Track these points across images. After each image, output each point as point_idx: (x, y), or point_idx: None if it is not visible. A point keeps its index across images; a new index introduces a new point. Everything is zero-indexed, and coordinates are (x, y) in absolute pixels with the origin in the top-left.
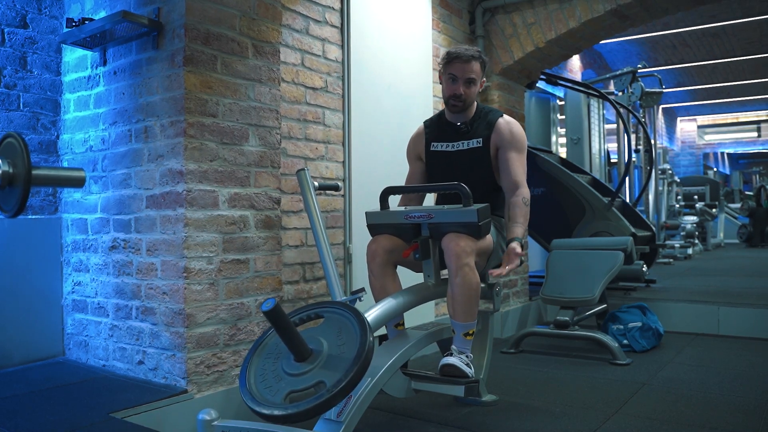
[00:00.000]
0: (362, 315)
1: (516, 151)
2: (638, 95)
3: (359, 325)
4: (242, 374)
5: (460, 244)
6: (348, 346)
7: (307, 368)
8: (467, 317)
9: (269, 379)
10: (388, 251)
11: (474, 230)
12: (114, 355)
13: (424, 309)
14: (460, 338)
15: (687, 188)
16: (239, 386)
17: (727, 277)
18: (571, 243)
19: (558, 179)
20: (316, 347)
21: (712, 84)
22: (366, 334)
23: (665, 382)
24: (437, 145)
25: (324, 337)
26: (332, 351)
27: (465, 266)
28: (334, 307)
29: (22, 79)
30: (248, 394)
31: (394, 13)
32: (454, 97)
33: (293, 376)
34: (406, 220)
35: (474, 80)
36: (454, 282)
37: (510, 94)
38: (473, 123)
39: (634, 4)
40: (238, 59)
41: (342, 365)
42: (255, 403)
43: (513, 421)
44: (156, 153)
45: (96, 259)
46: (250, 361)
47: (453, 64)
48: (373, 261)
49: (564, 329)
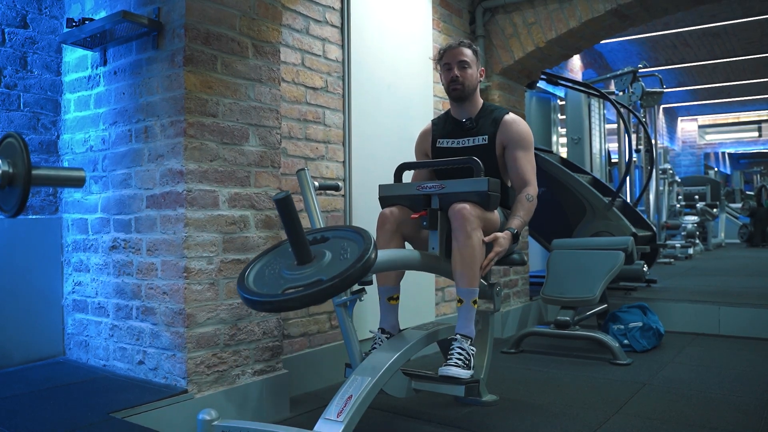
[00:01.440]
0: (368, 233)
1: (523, 150)
2: (639, 95)
3: (364, 238)
4: (241, 274)
5: (467, 208)
6: (351, 254)
7: (306, 270)
8: (473, 281)
9: (267, 278)
10: (398, 220)
11: (483, 198)
12: (114, 355)
13: (424, 309)
14: (467, 309)
15: (688, 188)
16: (237, 285)
17: (727, 277)
18: (571, 243)
19: (558, 179)
20: (318, 255)
21: (713, 84)
22: (370, 243)
23: (666, 381)
24: (443, 141)
25: (329, 250)
26: (335, 259)
27: (472, 230)
28: (341, 229)
29: (23, 79)
30: (244, 289)
31: (394, 12)
32: (452, 82)
33: (293, 274)
34: (419, 191)
35: (467, 62)
36: (461, 244)
37: (510, 94)
38: (479, 120)
39: (635, 4)
40: (238, 59)
41: (342, 266)
42: (249, 293)
43: (513, 421)
44: (156, 153)
45: (96, 259)
46: (251, 266)
47: (445, 55)
48: (382, 228)
49: (564, 329)
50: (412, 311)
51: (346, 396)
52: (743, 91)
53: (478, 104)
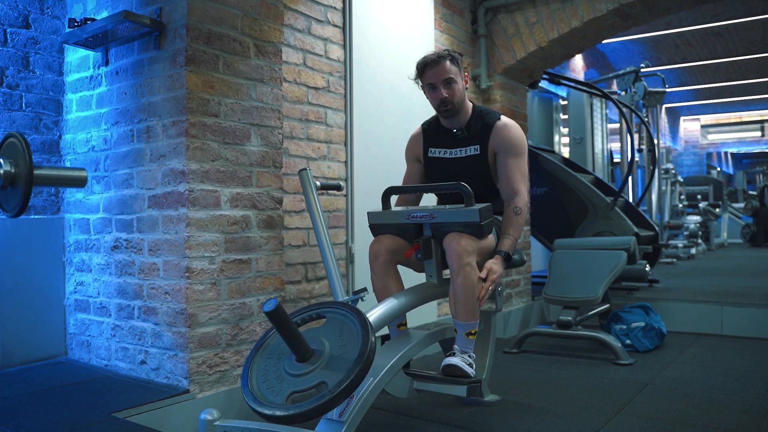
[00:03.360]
0: (364, 315)
1: (514, 157)
2: (641, 95)
3: (361, 326)
4: (244, 374)
5: (461, 244)
6: (350, 346)
7: (308, 369)
8: (469, 317)
9: (271, 379)
10: (390, 251)
11: (476, 230)
12: (116, 355)
13: (426, 309)
14: (463, 338)
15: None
16: (241, 387)
17: (730, 276)
18: (573, 243)
19: (561, 179)
20: (317, 348)
21: (715, 83)
22: (368, 334)
23: (668, 382)
24: (435, 151)
25: (326, 338)
26: (334, 351)
27: (467, 266)
28: (336, 307)
29: (25, 80)
30: (250, 395)
31: (396, 12)
32: (441, 104)
33: (295, 376)
34: (408, 220)
35: (452, 79)
36: (456, 281)
37: (512, 94)
38: (470, 127)
39: (637, 4)
40: (240, 59)
41: (344, 366)
42: (257, 404)
43: (515, 421)
44: (158, 153)
45: (98, 259)
46: (252, 361)
47: (425, 74)
48: (376, 261)
49: (567, 329)
50: (414, 311)
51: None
52: (746, 91)
53: (468, 111)
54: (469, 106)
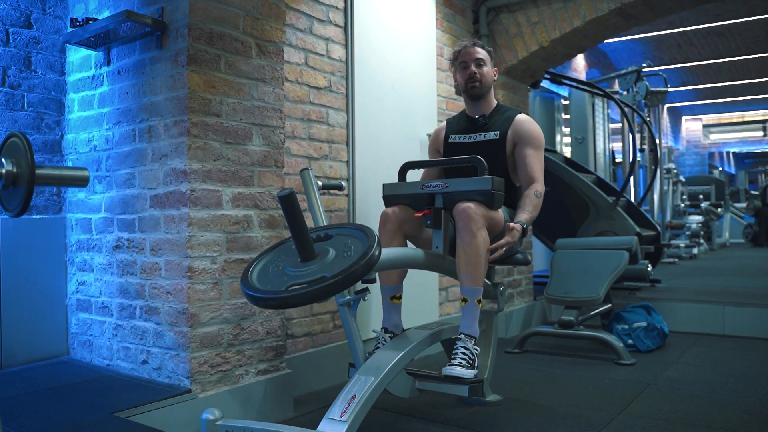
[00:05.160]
0: (371, 230)
1: (533, 148)
2: (643, 94)
3: (368, 235)
4: (245, 272)
5: (472, 207)
6: (354, 251)
7: (310, 267)
8: (478, 280)
9: (271, 275)
10: (400, 219)
11: (487, 197)
12: (118, 355)
13: (428, 309)
14: (471, 308)
15: (692, 188)
16: (240, 282)
17: (732, 276)
18: (575, 242)
19: (562, 179)
20: (322, 252)
21: (718, 83)
22: (373, 240)
23: (670, 382)
24: (455, 137)
25: (332, 247)
26: (338, 256)
27: (476, 230)
28: (346, 227)
29: (27, 79)
30: (247, 286)
31: (397, 12)
32: (470, 79)
33: (296, 272)
34: (422, 190)
35: (483, 60)
36: (466, 243)
37: (514, 94)
38: (492, 117)
39: (639, 3)
40: (241, 59)
41: (346, 263)
42: (252, 290)
43: (517, 421)
44: (160, 152)
45: (100, 258)
46: (254, 264)
47: (461, 54)
48: (384, 227)
49: (568, 329)
50: (415, 311)
51: (350, 396)
52: (748, 91)
53: (493, 103)
54: (494, 100)
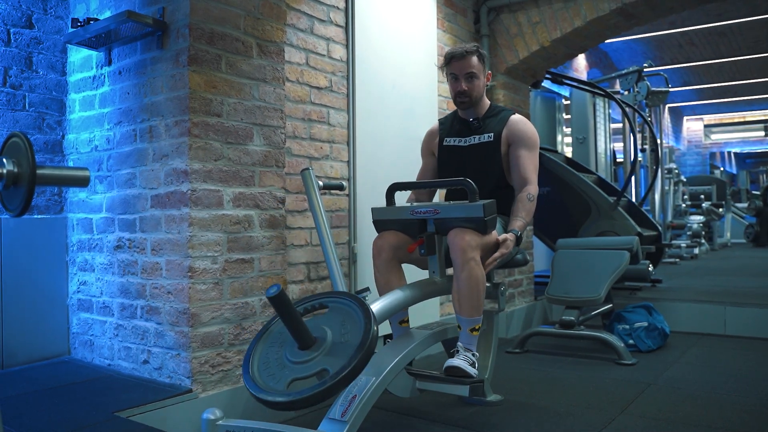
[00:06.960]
0: (367, 305)
1: (527, 149)
2: (644, 94)
3: (364, 315)
4: (246, 361)
5: (465, 238)
6: (352, 335)
7: (310, 356)
8: (473, 312)
9: (272, 366)
10: (393, 247)
11: (480, 225)
12: (119, 355)
13: (428, 309)
14: (466, 334)
15: (693, 188)
16: (242, 373)
17: (733, 276)
18: (576, 242)
19: (563, 179)
20: (320, 336)
21: (719, 83)
22: (370, 323)
23: (671, 382)
24: (450, 140)
25: (328, 326)
26: (336, 340)
27: (470, 260)
28: (339, 297)
29: (28, 79)
30: (251, 381)
31: (398, 12)
32: (459, 95)
33: (296, 363)
34: (412, 216)
35: (474, 74)
36: (460, 276)
37: (515, 94)
38: (485, 119)
39: (640, 3)
40: (242, 59)
41: (346, 353)
42: (257, 390)
43: (518, 421)
44: (161, 152)
45: (101, 258)
46: (254, 349)
47: (451, 64)
48: (379, 257)
49: (569, 329)
50: (416, 311)
51: (351, 396)
52: (749, 91)
53: (485, 105)
54: (487, 101)
